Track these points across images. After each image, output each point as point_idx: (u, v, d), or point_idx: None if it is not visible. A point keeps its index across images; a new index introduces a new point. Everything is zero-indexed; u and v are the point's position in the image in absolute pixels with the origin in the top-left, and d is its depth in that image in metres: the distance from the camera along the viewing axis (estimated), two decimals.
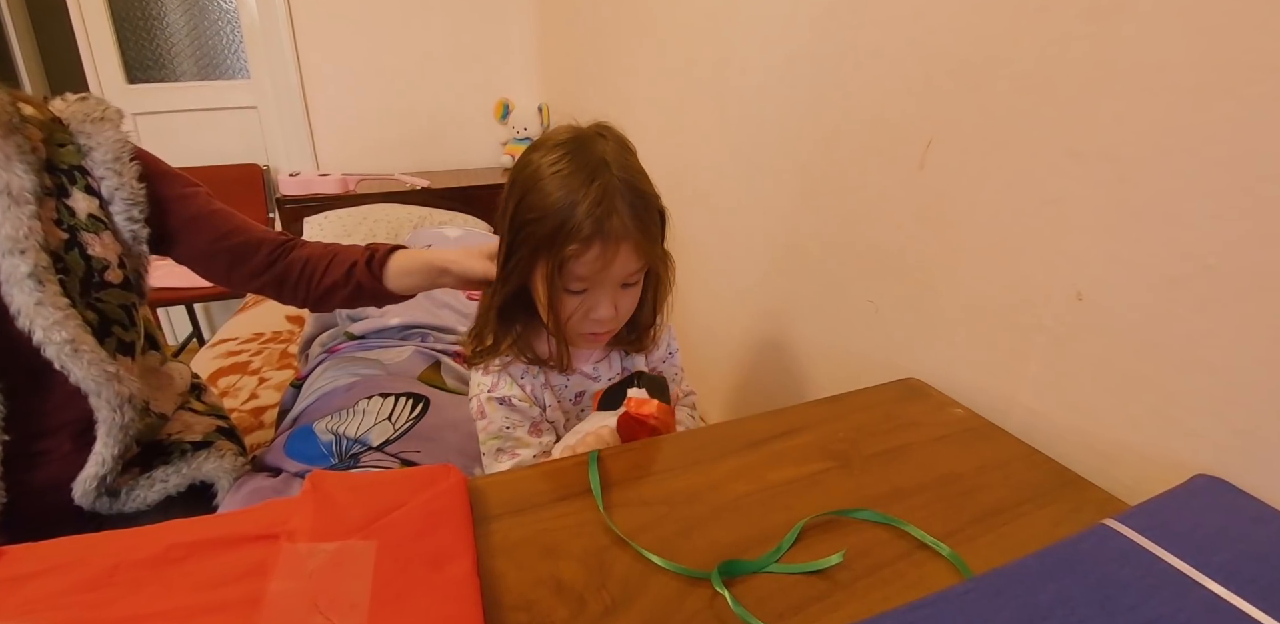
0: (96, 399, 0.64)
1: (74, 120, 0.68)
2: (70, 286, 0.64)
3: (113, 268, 0.68)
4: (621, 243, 0.56)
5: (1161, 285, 0.51)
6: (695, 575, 0.43)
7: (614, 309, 0.61)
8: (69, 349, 0.62)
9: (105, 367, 0.64)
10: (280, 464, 0.83)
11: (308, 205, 1.93)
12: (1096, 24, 0.53)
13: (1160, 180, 0.51)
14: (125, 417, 0.66)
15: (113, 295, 0.68)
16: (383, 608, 0.37)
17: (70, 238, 0.65)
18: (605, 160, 0.56)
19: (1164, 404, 0.53)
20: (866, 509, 0.49)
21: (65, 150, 0.67)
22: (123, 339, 0.68)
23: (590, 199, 0.54)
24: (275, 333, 1.48)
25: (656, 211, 0.61)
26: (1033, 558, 0.41)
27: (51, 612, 0.39)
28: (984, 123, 0.65)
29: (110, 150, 0.68)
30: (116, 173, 0.68)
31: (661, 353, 0.77)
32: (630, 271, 0.60)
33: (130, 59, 2.25)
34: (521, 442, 0.68)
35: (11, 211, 0.60)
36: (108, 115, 0.70)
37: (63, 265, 0.64)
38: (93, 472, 0.66)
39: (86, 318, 0.64)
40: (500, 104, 2.30)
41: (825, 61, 0.85)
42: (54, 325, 0.61)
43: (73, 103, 0.69)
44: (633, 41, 1.42)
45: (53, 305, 0.61)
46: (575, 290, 0.60)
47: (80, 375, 0.63)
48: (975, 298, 0.68)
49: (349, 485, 0.47)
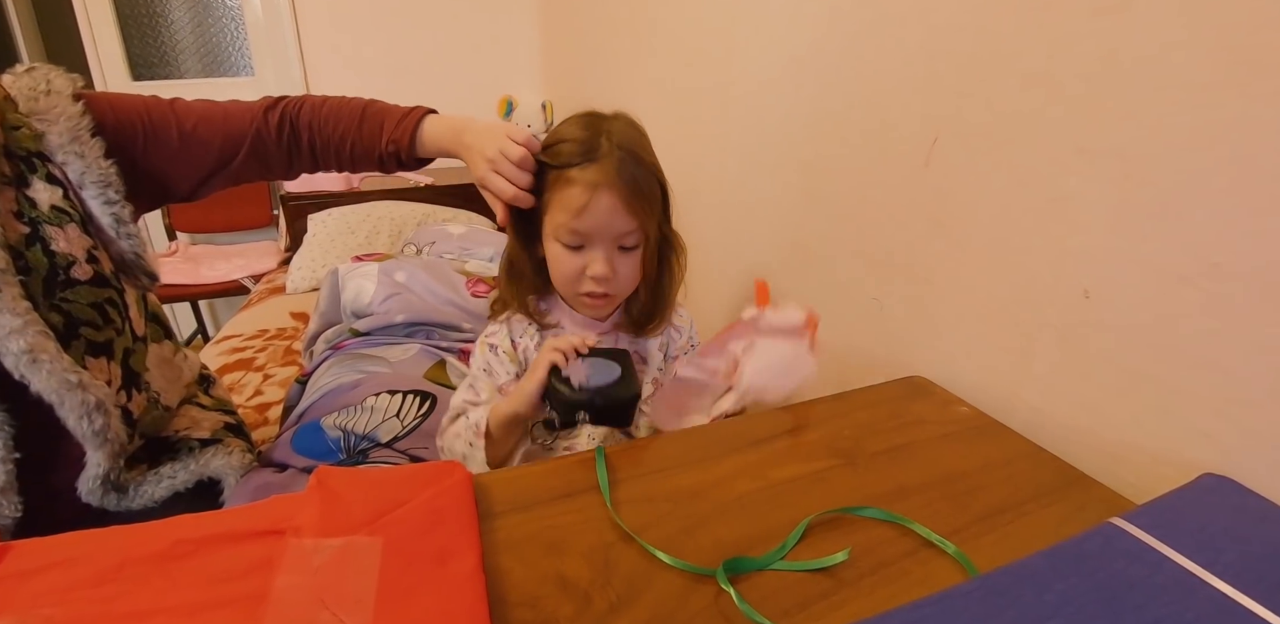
0: (61, 409, 0.60)
1: (22, 98, 0.61)
2: (32, 287, 0.58)
3: (80, 263, 0.62)
4: (603, 191, 0.59)
5: (1169, 284, 0.51)
6: (701, 572, 0.43)
7: (610, 269, 0.62)
8: (26, 359, 0.56)
9: (67, 376, 0.59)
10: (287, 460, 0.83)
11: (311, 202, 1.93)
12: (1104, 21, 0.53)
13: (1168, 178, 0.50)
14: (95, 423, 0.62)
15: (81, 294, 0.62)
16: (388, 604, 0.37)
17: (32, 232, 0.59)
18: (610, 128, 0.61)
19: (1171, 403, 0.52)
20: (872, 507, 0.49)
21: (20, 134, 0.60)
22: (93, 340, 0.63)
23: (584, 150, 0.60)
24: (280, 329, 1.49)
25: (654, 180, 0.62)
26: (1039, 556, 0.41)
27: (58, 607, 0.39)
28: (990, 120, 0.64)
29: (66, 131, 0.61)
30: (79, 155, 0.62)
31: (682, 343, 0.75)
32: (623, 230, 0.61)
33: (135, 56, 2.25)
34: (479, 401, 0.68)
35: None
36: (56, 86, 0.62)
37: (24, 264, 0.58)
38: (92, 472, 0.65)
39: (51, 321, 0.59)
40: (504, 101, 2.30)
41: (830, 59, 0.85)
42: (10, 334, 0.55)
43: (20, 75, 0.62)
44: (636, 39, 1.42)
45: (10, 311, 0.56)
46: (572, 245, 0.62)
47: (40, 386, 0.58)
48: (981, 295, 0.68)
49: (354, 481, 0.47)
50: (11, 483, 0.60)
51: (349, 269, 1.29)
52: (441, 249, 1.59)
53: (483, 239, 1.62)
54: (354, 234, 1.77)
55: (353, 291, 1.24)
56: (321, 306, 1.27)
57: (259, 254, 2.18)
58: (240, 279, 2.03)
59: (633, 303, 0.70)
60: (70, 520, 0.66)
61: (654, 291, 0.69)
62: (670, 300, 0.70)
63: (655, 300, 0.69)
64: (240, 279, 2.03)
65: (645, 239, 0.63)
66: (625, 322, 0.71)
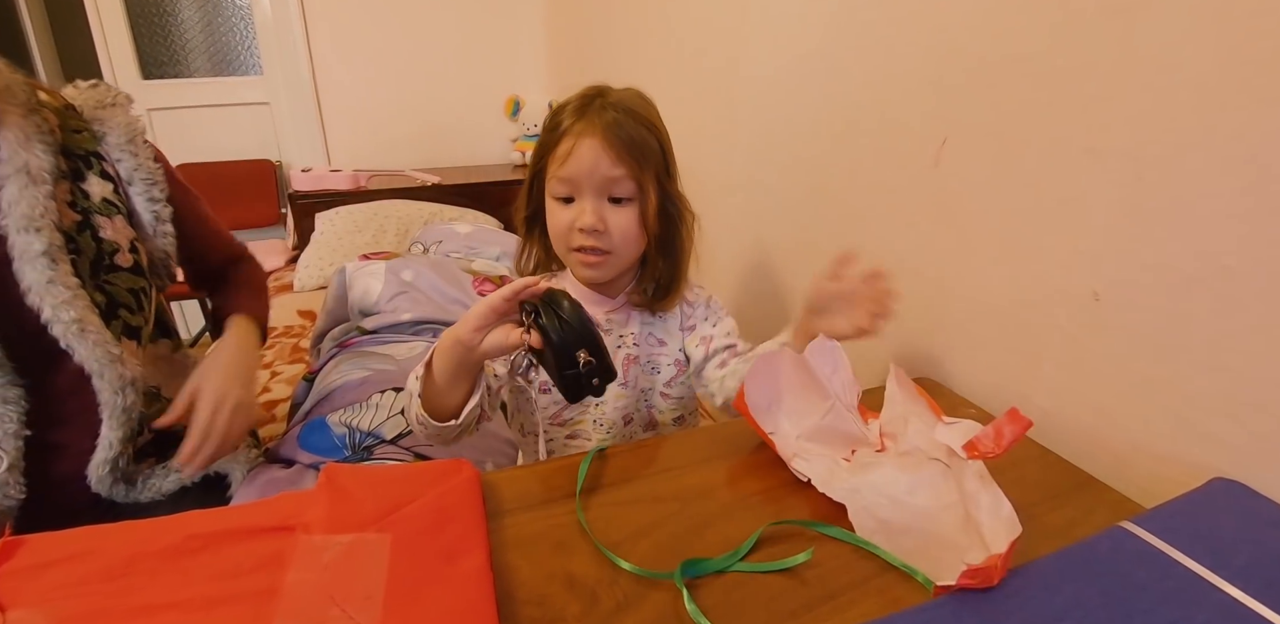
0: (99, 381, 0.64)
1: (87, 107, 0.69)
2: (81, 267, 0.64)
3: (123, 251, 0.68)
4: (585, 137, 0.60)
5: (1180, 286, 0.51)
6: (658, 577, 0.42)
7: (598, 219, 0.61)
8: (75, 328, 0.62)
9: (109, 348, 0.64)
10: (294, 456, 0.83)
11: (319, 201, 1.94)
12: (1115, 21, 0.53)
13: (1179, 179, 0.50)
14: (127, 399, 0.66)
15: (121, 279, 0.68)
16: (397, 600, 0.37)
17: (83, 219, 0.66)
18: (608, 92, 0.63)
19: (1181, 406, 0.52)
20: (835, 527, 0.46)
21: (80, 136, 0.68)
22: (129, 323, 0.69)
23: (576, 109, 0.62)
24: (287, 327, 1.49)
25: (649, 134, 0.62)
26: (1048, 559, 0.41)
27: (70, 600, 0.39)
28: (1000, 121, 0.64)
29: (123, 133, 0.70)
30: (132, 154, 0.70)
31: (700, 312, 0.72)
32: (607, 176, 0.60)
33: (145, 55, 2.27)
34: None
35: (29, 190, 0.61)
36: (118, 101, 0.71)
37: (74, 246, 0.64)
38: (102, 456, 0.67)
39: (95, 299, 0.65)
40: (510, 101, 2.30)
41: (838, 59, 0.85)
42: (63, 304, 0.61)
43: (85, 90, 0.71)
44: (643, 38, 1.42)
45: (63, 284, 0.61)
46: (561, 196, 0.63)
47: (84, 355, 0.63)
48: (990, 297, 0.67)
49: (363, 479, 0.47)
50: (19, 462, 0.63)
51: (357, 267, 1.29)
52: (448, 248, 1.59)
53: (489, 238, 1.62)
54: (361, 232, 1.77)
55: (360, 290, 1.24)
56: (329, 304, 1.27)
57: (267, 252, 2.18)
58: None
59: (645, 274, 0.68)
60: (77, 511, 0.67)
61: (667, 262, 0.67)
62: (683, 270, 0.69)
63: (670, 270, 0.68)
64: None
65: (640, 193, 0.62)
66: (639, 295, 0.69)
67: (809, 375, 0.57)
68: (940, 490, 0.47)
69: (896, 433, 0.54)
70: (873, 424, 0.57)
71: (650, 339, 0.72)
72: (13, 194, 0.60)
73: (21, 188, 0.60)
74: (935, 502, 0.47)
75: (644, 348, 0.71)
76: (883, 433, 0.56)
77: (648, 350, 0.71)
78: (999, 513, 0.42)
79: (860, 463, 0.52)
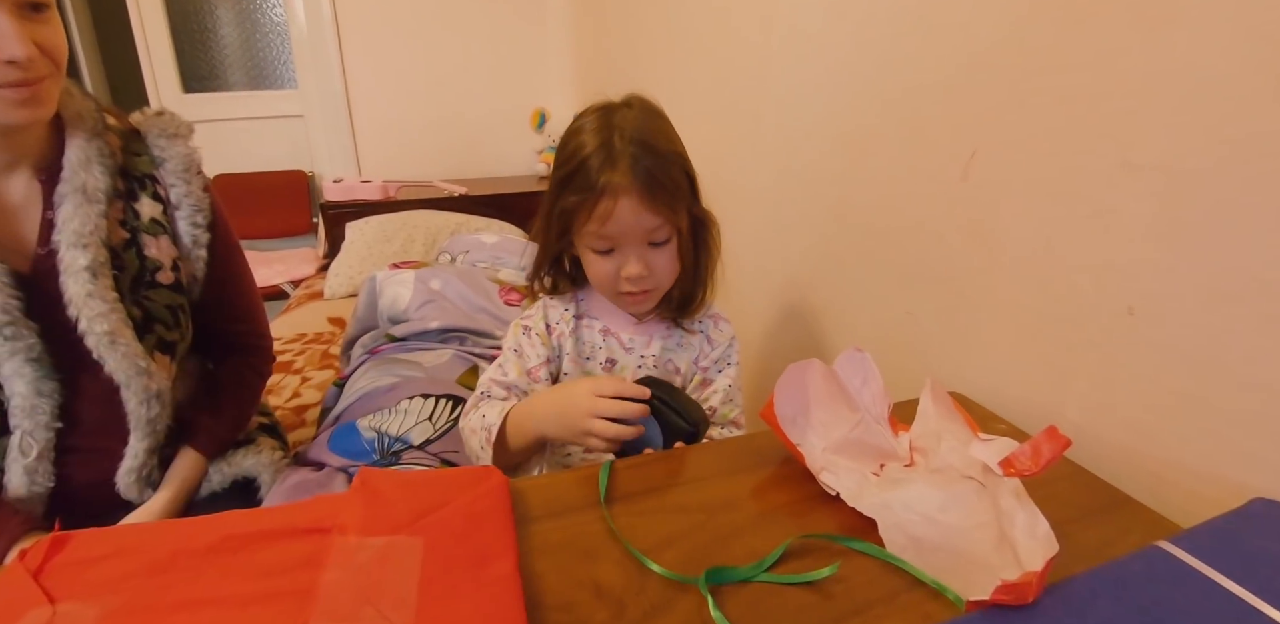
0: (126, 391, 0.67)
1: (150, 133, 0.73)
2: (122, 283, 0.68)
3: (165, 270, 0.72)
4: (621, 197, 0.59)
5: (1217, 301, 0.50)
6: (684, 581, 0.43)
7: (644, 267, 0.63)
8: (107, 340, 0.65)
9: (138, 361, 0.67)
10: (324, 459, 0.85)
11: (349, 211, 1.99)
12: (1150, 33, 0.53)
13: (1217, 192, 0.50)
14: (152, 411, 0.69)
15: (161, 295, 0.71)
16: (430, 603, 0.38)
17: (131, 238, 0.70)
18: (618, 123, 0.61)
19: (1219, 424, 0.51)
20: (863, 541, 0.46)
21: (140, 160, 0.72)
22: (164, 338, 0.71)
23: (598, 154, 0.59)
24: (317, 334, 1.52)
25: (674, 167, 0.62)
26: (1082, 578, 0.40)
27: (115, 595, 0.40)
28: (1032, 133, 0.64)
29: (181, 162, 0.73)
30: (185, 181, 0.73)
31: (716, 353, 0.74)
32: (648, 228, 0.61)
33: (186, 69, 2.36)
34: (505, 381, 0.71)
35: (83, 209, 0.64)
36: (180, 131, 0.75)
37: (119, 262, 0.68)
38: (129, 465, 0.69)
39: (131, 314, 0.67)
40: (536, 113, 2.34)
41: (866, 70, 0.85)
42: (98, 317, 0.64)
43: (150, 116, 0.75)
44: (669, 50, 1.44)
45: (101, 298, 0.64)
46: (602, 250, 0.63)
47: (113, 366, 0.66)
48: (1020, 311, 0.67)
49: (396, 482, 0.48)
50: (49, 451, 0.66)
51: (386, 276, 1.32)
52: (475, 258, 1.62)
53: (515, 248, 1.64)
54: (390, 242, 1.81)
55: (389, 298, 1.27)
56: (359, 312, 1.30)
57: (298, 260, 2.24)
58: (280, 284, 2.09)
59: (673, 288, 0.69)
60: (110, 510, 0.70)
61: (693, 271, 0.69)
62: (709, 279, 0.70)
63: (695, 281, 0.69)
64: (280, 284, 2.09)
65: (676, 230, 0.63)
66: (664, 308, 0.71)
67: (838, 387, 0.57)
68: (974, 509, 0.47)
69: (928, 448, 0.53)
70: (902, 437, 0.56)
71: (669, 365, 0.74)
72: (68, 211, 0.64)
73: (77, 206, 0.64)
74: (968, 520, 0.46)
75: (659, 372, 0.73)
76: (913, 447, 0.55)
77: (661, 374, 0.73)
78: (1035, 532, 0.42)
79: (890, 478, 0.52)
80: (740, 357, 0.76)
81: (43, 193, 0.65)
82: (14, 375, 0.62)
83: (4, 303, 0.60)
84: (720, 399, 0.74)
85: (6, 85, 0.57)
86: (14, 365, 0.62)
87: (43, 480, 0.66)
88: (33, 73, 0.57)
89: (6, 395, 0.63)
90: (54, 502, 0.68)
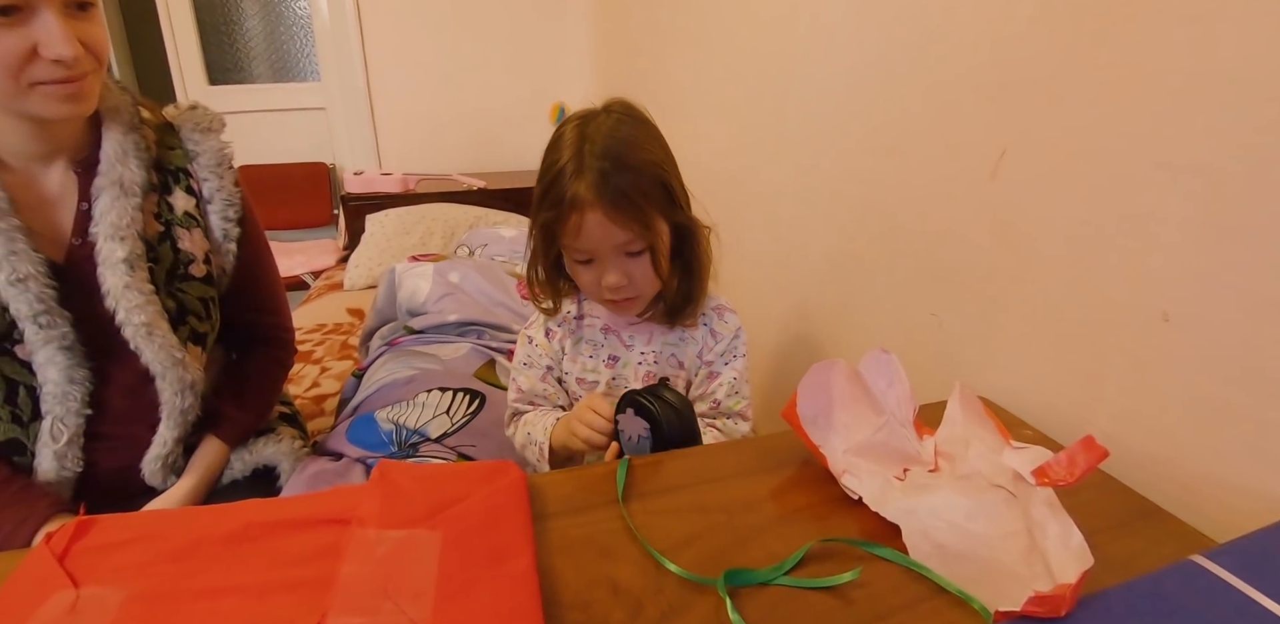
0: (162, 382, 0.68)
1: (184, 127, 0.74)
2: (157, 275, 0.69)
3: (198, 262, 0.73)
4: (588, 212, 0.60)
5: (1257, 307, 0.49)
6: (703, 582, 0.42)
7: (624, 277, 0.63)
8: (144, 331, 0.66)
9: (174, 352, 0.68)
10: (342, 449, 0.86)
11: (370, 203, 2.00)
12: (1189, 30, 0.51)
13: (1257, 195, 0.48)
14: (185, 401, 0.70)
15: (193, 288, 0.72)
16: (447, 598, 0.38)
17: (165, 231, 0.70)
18: (591, 134, 0.61)
19: (1257, 435, 0.49)
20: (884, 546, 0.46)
21: (174, 153, 0.73)
22: (196, 329, 0.72)
23: (569, 168, 0.60)
24: (336, 324, 1.54)
25: (646, 179, 0.61)
26: (1113, 592, 0.39)
27: (138, 580, 0.41)
28: (1064, 133, 0.62)
29: (214, 157, 0.74)
30: (218, 176, 0.74)
31: (721, 347, 0.73)
32: (618, 241, 0.61)
33: (212, 62, 2.38)
34: (536, 395, 0.74)
35: (119, 202, 0.65)
36: (213, 126, 0.76)
37: (154, 255, 0.69)
38: (155, 453, 0.71)
39: (166, 305, 0.69)
40: (555, 107, 2.34)
41: (892, 64, 0.84)
42: (135, 308, 0.65)
43: (184, 111, 0.75)
44: (691, 46, 1.43)
45: (138, 290, 0.65)
46: (581, 260, 0.64)
47: (150, 357, 0.67)
48: (1049, 315, 0.65)
49: (415, 476, 0.48)
50: (78, 437, 0.67)
51: (406, 268, 1.33)
52: (493, 251, 1.62)
53: None
54: (409, 234, 1.82)
55: (409, 290, 1.27)
56: (378, 304, 1.31)
57: (319, 251, 2.26)
58: (301, 275, 2.11)
59: (664, 292, 0.70)
60: (132, 496, 0.71)
61: (684, 279, 0.69)
62: (702, 286, 0.70)
63: (687, 288, 0.70)
64: (301, 275, 2.11)
65: (655, 240, 0.63)
66: (658, 312, 0.71)
67: (862, 388, 0.56)
68: (1003, 518, 0.46)
69: (954, 454, 0.52)
70: (927, 441, 0.55)
71: (672, 360, 0.74)
72: (105, 204, 0.65)
73: (114, 199, 0.65)
74: (996, 529, 0.45)
75: (661, 367, 0.73)
76: (938, 452, 0.54)
77: (664, 369, 0.74)
78: (1068, 543, 0.41)
79: (915, 483, 0.51)
80: (748, 349, 0.76)
81: (78, 184, 0.66)
82: (47, 363, 0.63)
83: (39, 292, 0.61)
84: (725, 392, 0.74)
85: (52, 82, 0.57)
86: (47, 353, 0.63)
87: (71, 465, 0.67)
88: (78, 70, 0.58)
89: (39, 382, 0.64)
90: (80, 486, 0.69)
